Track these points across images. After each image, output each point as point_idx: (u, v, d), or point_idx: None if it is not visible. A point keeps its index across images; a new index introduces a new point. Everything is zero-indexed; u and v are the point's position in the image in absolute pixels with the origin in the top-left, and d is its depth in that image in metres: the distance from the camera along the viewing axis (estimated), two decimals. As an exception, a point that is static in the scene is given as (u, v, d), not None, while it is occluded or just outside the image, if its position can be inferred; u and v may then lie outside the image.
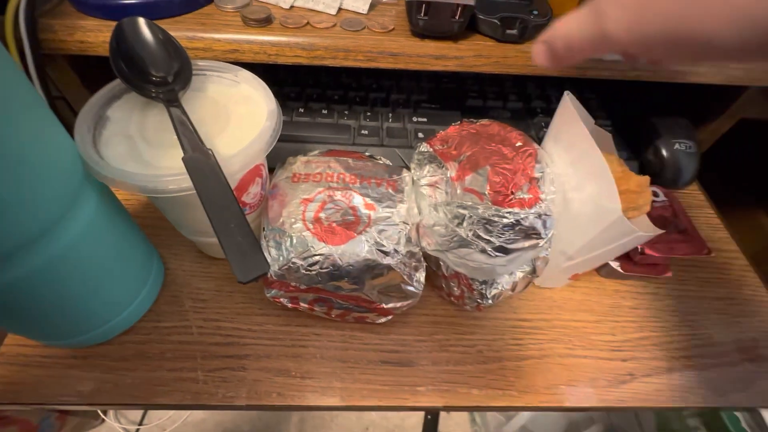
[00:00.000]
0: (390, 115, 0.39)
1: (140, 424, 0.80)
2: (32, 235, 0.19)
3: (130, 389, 0.26)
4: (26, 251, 0.19)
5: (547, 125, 0.40)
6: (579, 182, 0.24)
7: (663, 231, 0.25)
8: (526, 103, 0.42)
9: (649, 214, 0.28)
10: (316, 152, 0.30)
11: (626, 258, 0.31)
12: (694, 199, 0.40)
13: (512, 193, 0.23)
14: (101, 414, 0.77)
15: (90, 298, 0.24)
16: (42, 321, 0.23)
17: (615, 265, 0.31)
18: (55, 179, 0.19)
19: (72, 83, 0.33)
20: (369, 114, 0.39)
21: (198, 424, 0.80)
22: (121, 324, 0.27)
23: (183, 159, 0.21)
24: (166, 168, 0.22)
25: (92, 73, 0.34)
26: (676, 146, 0.38)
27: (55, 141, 0.20)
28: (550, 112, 0.41)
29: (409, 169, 0.30)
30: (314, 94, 0.40)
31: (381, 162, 0.30)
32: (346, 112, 0.38)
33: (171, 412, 0.80)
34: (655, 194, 0.33)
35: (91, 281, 0.23)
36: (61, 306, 0.23)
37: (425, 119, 0.39)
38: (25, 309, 0.22)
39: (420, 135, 0.38)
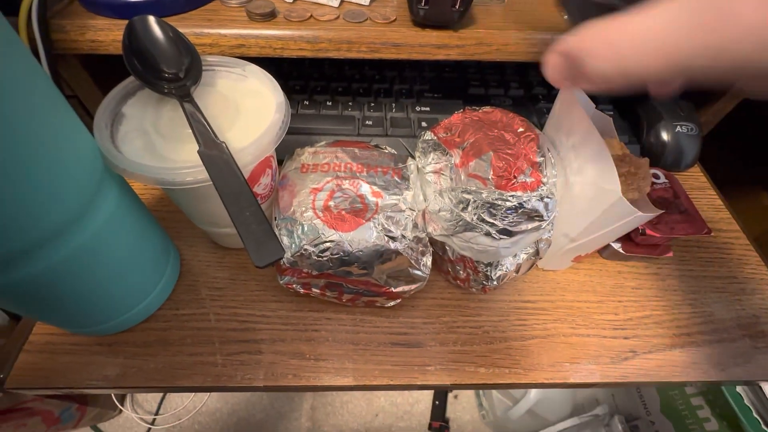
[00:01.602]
0: (393, 105, 0.40)
1: (156, 413, 0.82)
2: (57, 227, 0.20)
3: (154, 373, 0.27)
4: (52, 243, 0.20)
5: (548, 111, 0.41)
6: (580, 166, 0.25)
7: (663, 211, 0.26)
8: (527, 90, 0.43)
9: (649, 196, 0.28)
10: (323, 143, 0.31)
11: (628, 239, 0.32)
12: (696, 181, 0.41)
13: (515, 177, 0.24)
14: (119, 404, 0.80)
15: (112, 287, 0.25)
16: (67, 310, 0.25)
17: (617, 246, 0.32)
18: (77, 173, 0.20)
19: (84, 82, 0.34)
20: (373, 105, 0.39)
21: (212, 414, 0.82)
22: (143, 312, 0.28)
23: (198, 152, 0.21)
24: (181, 161, 0.23)
25: (103, 72, 0.35)
26: (678, 129, 0.38)
27: (76, 135, 0.21)
28: (551, 98, 0.42)
29: (413, 157, 0.31)
30: (318, 86, 0.40)
31: (386, 151, 0.31)
32: (350, 104, 0.39)
33: (186, 402, 0.83)
34: (655, 176, 0.33)
35: (114, 271, 0.24)
36: (86, 295, 0.24)
37: (428, 108, 0.40)
38: (51, 299, 0.23)
39: (423, 124, 0.38)
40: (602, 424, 0.65)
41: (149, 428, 0.80)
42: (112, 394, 0.78)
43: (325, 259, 0.25)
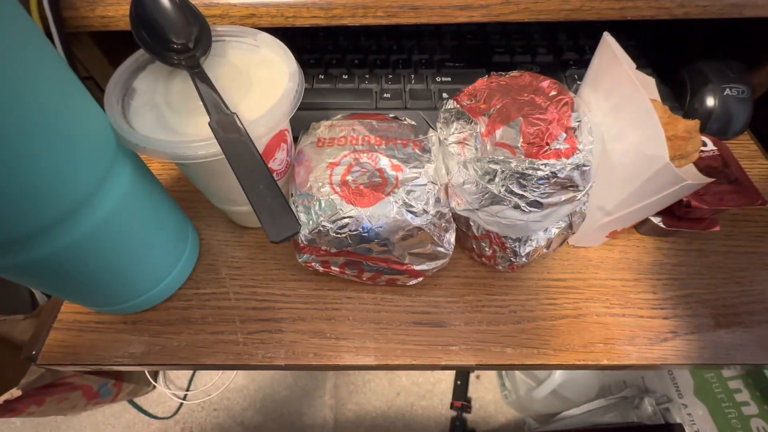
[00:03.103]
0: (412, 76, 0.38)
1: (187, 389, 0.86)
2: (72, 205, 0.19)
3: (177, 351, 0.27)
4: (68, 221, 0.20)
5: (580, 78, 0.38)
6: (620, 130, 0.23)
7: (713, 180, 0.24)
8: (556, 56, 0.40)
9: (695, 165, 0.26)
10: (339, 116, 0.30)
11: (669, 213, 0.29)
12: (745, 149, 0.37)
13: (547, 144, 0.22)
14: (152, 381, 0.83)
15: (131, 265, 0.25)
16: (89, 288, 0.25)
17: (656, 220, 0.29)
18: (90, 149, 0.20)
19: (98, 61, 0.34)
20: (391, 77, 0.37)
21: (240, 390, 0.85)
22: (164, 291, 0.28)
23: (209, 124, 0.21)
24: (193, 135, 0.22)
25: (117, 50, 0.34)
26: (727, 91, 0.35)
27: (88, 111, 0.20)
28: (583, 64, 0.39)
29: (435, 129, 0.29)
30: (334, 59, 0.39)
31: (406, 122, 0.29)
32: (367, 76, 0.37)
33: (215, 379, 0.86)
34: (702, 143, 0.30)
35: (132, 249, 0.24)
36: (105, 273, 0.24)
37: (449, 79, 0.37)
38: (71, 277, 0.23)
39: (444, 95, 0.36)
40: (631, 406, 0.63)
41: (181, 403, 0.84)
42: (146, 371, 0.82)
43: (343, 235, 0.24)
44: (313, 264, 0.27)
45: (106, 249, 0.22)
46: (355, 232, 0.24)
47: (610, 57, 0.22)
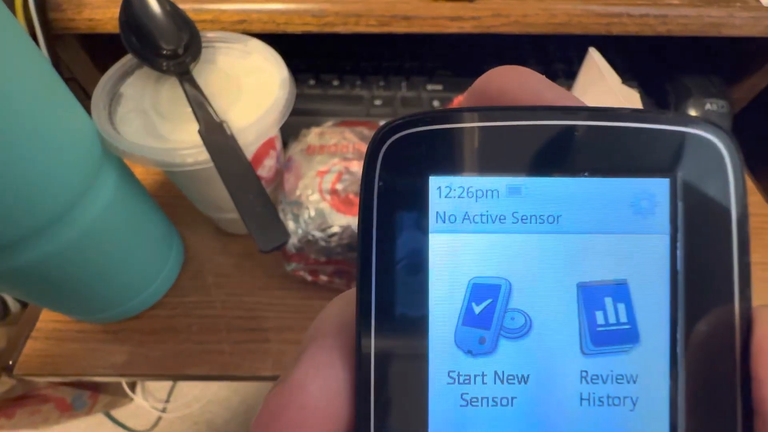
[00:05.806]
0: (404, 83, 0.38)
1: (167, 401, 0.83)
2: (56, 212, 0.19)
3: (161, 361, 0.26)
4: (52, 229, 0.19)
5: (569, 89, 0.39)
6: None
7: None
8: (546, 66, 0.40)
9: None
10: (329, 123, 0.30)
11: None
12: (725, 162, 0.38)
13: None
14: (130, 392, 0.81)
15: (116, 273, 0.24)
16: (72, 297, 0.24)
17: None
18: (75, 155, 0.19)
19: (83, 64, 0.33)
20: (382, 83, 0.38)
21: (222, 402, 0.83)
22: (148, 299, 0.27)
23: (199, 132, 0.20)
24: (182, 142, 0.22)
25: (102, 53, 0.34)
26: (708, 106, 0.36)
27: (74, 117, 0.20)
28: (572, 75, 0.40)
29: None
30: (325, 65, 0.39)
31: (397, 131, 0.29)
32: (358, 83, 0.38)
33: (196, 390, 0.84)
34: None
35: (116, 257, 0.23)
36: (89, 282, 0.23)
37: (441, 87, 0.38)
38: (54, 285, 0.22)
39: (436, 103, 0.36)
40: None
41: (160, 416, 0.81)
42: (123, 382, 0.80)
43: (333, 244, 0.24)
44: (301, 272, 0.27)
45: (89, 257, 0.22)
46: (345, 241, 0.24)
47: (595, 72, 0.23)
